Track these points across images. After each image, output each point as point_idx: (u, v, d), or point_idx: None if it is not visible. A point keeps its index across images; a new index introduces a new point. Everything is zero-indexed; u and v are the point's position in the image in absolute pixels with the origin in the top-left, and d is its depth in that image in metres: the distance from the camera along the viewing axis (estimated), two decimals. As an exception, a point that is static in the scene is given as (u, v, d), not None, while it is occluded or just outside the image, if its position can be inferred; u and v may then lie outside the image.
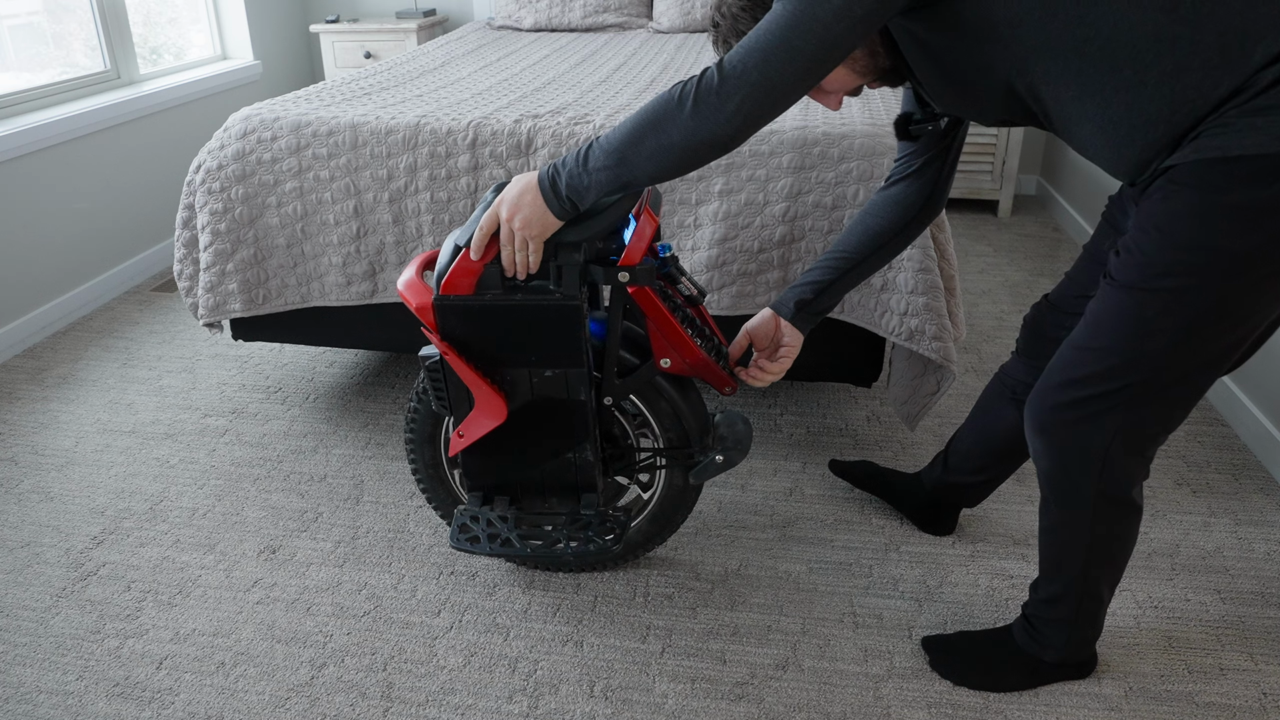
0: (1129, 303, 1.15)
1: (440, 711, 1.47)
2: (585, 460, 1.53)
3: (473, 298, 1.39)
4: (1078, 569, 1.36)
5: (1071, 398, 1.23)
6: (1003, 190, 3.65)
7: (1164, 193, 1.11)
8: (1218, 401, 2.26)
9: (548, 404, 1.48)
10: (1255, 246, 1.06)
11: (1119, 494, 1.28)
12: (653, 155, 1.17)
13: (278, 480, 2.07)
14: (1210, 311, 1.11)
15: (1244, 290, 1.10)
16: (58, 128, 2.83)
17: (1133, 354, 1.17)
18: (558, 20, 3.72)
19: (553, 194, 1.25)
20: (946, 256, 1.91)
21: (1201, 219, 1.08)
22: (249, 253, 2.13)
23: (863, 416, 2.27)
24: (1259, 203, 1.04)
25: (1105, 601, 1.40)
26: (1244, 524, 1.86)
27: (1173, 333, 1.14)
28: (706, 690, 1.50)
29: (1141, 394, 1.19)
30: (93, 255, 3.03)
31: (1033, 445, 1.31)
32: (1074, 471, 1.28)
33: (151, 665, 1.57)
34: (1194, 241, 1.09)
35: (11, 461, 2.17)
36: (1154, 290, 1.13)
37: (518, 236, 1.30)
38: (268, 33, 4.04)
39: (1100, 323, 1.19)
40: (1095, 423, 1.22)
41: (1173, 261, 1.11)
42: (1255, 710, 1.44)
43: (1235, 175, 1.05)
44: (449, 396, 1.48)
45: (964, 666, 1.49)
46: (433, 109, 2.17)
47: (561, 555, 1.53)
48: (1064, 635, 1.43)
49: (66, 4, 3.09)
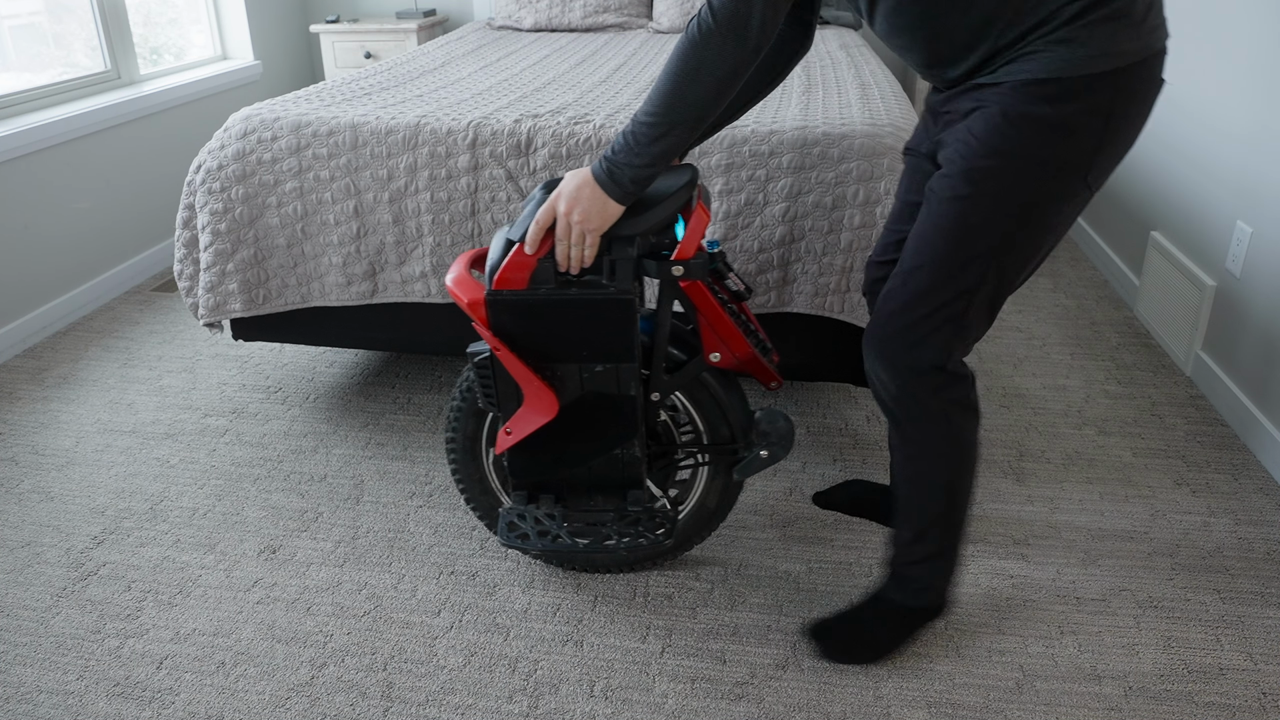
0: (952, 212, 1.27)
1: (440, 711, 1.47)
2: (633, 456, 1.53)
3: (526, 292, 1.38)
4: (941, 492, 1.42)
5: (906, 322, 1.32)
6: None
7: (980, 112, 1.26)
8: (1218, 401, 2.27)
9: (597, 399, 1.47)
10: (1059, 155, 1.22)
11: (960, 399, 1.37)
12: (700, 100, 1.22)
13: (278, 480, 2.08)
14: (1025, 213, 1.25)
15: (1050, 196, 1.24)
16: (58, 128, 2.83)
17: (961, 260, 1.28)
18: (558, 20, 3.72)
19: (611, 182, 1.26)
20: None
21: (1015, 127, 1.22)
22: (249, 253, 2.13)
23: (862, 416, 2.27)
24: (1062, 117, 1.20)
25: (961, 526, 1.46)
26: (1244, 524, 1.86)
27: (992, 236, 1.26)
28: (706, 690, 1.50)
29: (968, 301, 1.30)
30: (93, 255, 3.03)
31: (876, 377, 1.39)
32: (920, 391, 1.35)
33: (152, 665, 1.57)
34: (1007, 147, 1.23)
35: (12, 461, 2.17)
36: (975, 196, 1.25)
37: (575, 230, 1.30)
38: (268, 33, 4.04)
39: (926, 237, 1.30)
40: (931, 339, 1.32)
41: (990, 167, 1.24)
42: (1255, 710, 1.44)
43: (1041, 94, 1.20)
44: (497, 393, 1.48)
45: (847, 643, 1.53)
46: (433, 109, 2.17)
47: (613, 551, 1.53)
48: (932, 571, 1.48)
49: (67, 4, 3.09)
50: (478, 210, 2.03)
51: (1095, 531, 1.85)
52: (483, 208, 2.03)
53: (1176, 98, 2.63)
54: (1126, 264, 2.93)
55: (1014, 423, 2.23)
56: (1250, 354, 2.15)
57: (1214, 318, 2.33)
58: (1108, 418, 2.25)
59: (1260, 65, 2.18)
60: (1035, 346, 2.61)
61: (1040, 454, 2.11)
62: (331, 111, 2.15)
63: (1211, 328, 2.34)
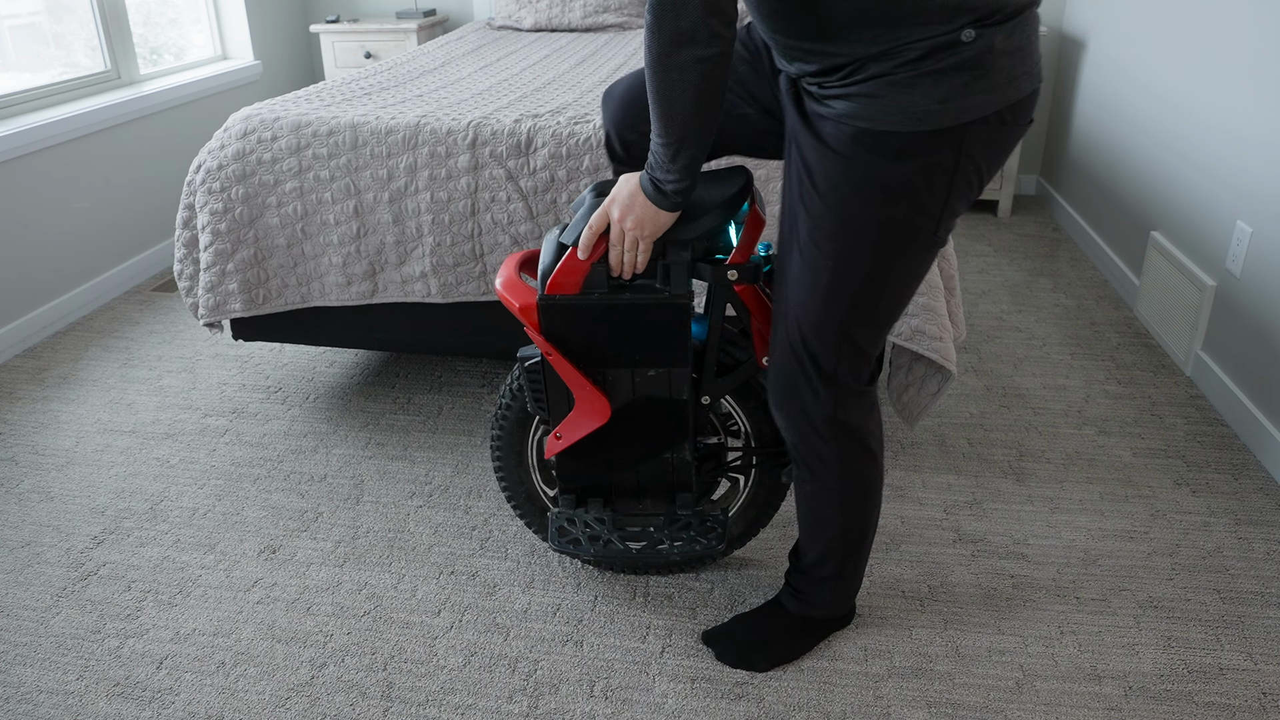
0: (808, 278, 1.27)
1: (440, 711, 1.47)
2: (682, 460, 1.53)
3: (579, 297, 1.38)
4: (839, 525, 1.44)
5: (790, 379, 1.34)
6: (1002, 190, 3.65)
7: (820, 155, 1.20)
8: (1217, 401, 2.27)
9: (648, 404, 1.47)
10: (903, 217, 1.19)
11: (857, 446, 1.38)
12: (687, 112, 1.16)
13: (278, 480, 2.08)
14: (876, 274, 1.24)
15: (900, 254, 1.23)
16: (58, 128, 2.83)
17: (827, 320, 1.28)
18: (558, 20, 3.72)
19: (657, 193, 1.26)
20: (946, 256, 1.91)
21: (857, 188, 1.18)
22: (249, 253, 2.13)
23: (863, 416, 2.27)
24: (901, 177, 1.16)
25: (864, 554, 1.49)
26: (1244, 524, 1.86)
27: (850, 295, 1.25)
28: (706, 690, 1.50)
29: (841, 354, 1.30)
30: (93, 255, 3.03)
31: (777, 421, 1.41)
32: (812, 437, 1.37)
33: (152, 665, 1.57)
34: (849, 212, 1.20)
35: (12, 461, 2.17)
36: (828, 261, 1.24)
37: (629, 236, 1.30)
38: (268, 33, 4.04)
39: (793, 299, 1.30)
40: (819, 398, 1.33)
41: (836, 231, 1.22)
42: (1255, 710, 1.44)
43: (882, 149, 1.15)
44: (548, 397, 1.47)
45: (747, 648, 1.54)
46: (433, 109, 2.17)
47: (666, 556, 1.54)
48: (829, 591, 1.51)
49: (67, 4, 3.09)
50: (478, 210, 2.03)
51: (1095, 531, 1.85)
52: (483, 208, 2.03)
53: (1176, 98, 2.63)
54: (1126, 264, 2.93)
55: (1014, 423, 2.23)
56: (1250, 354, 2.15)
57: (1214, 318, 2.33)
58: (1108, 418, 2.25)
59: (1260, 65, 2.18)
60: (1035, 346, 2.61)
61: (1040, 454, 2.11)
62: (331, 111, 2.15)
63: (1211, 328, 2.34)
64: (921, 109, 1.11)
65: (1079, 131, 3.45)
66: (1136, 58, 2.94)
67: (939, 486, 2.00)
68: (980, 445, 2.15)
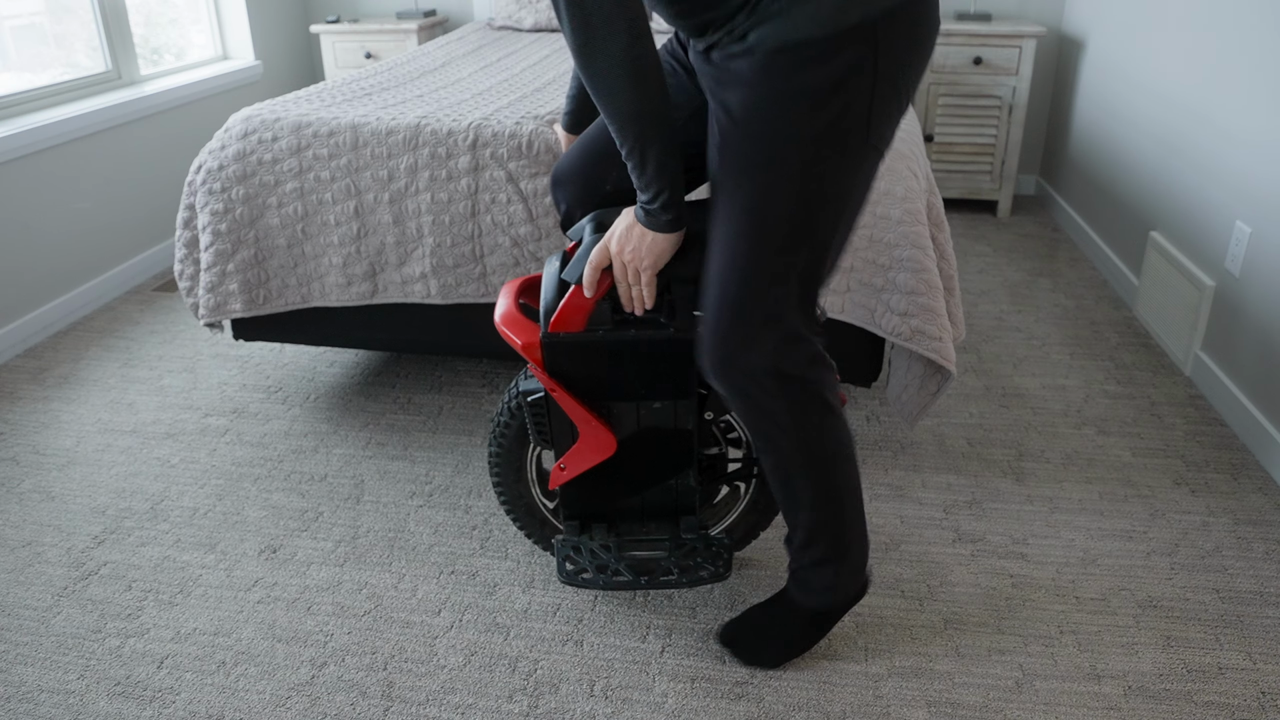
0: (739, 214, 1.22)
1: (440, 711, 1.47)
2: (687, 485, 1.53)
3: (584, 335, 1.38)
4: (811, 500, 1.38)
5: (725, 333, 1.26)
6: (1002, 190, 3.66)
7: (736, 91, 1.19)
8: (1217, 401, 2.27)
9: (653, 434, 1.47)
10: (830, 126, 1.16)
11: (806, 395, 1.31)
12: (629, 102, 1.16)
13: (278, 480, 2.08)
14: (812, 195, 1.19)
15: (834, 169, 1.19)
16: (59, 128, 2.83)
17: (765, 260, 1.22)
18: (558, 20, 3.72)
19: (647, 216, 1.25)
20: (946, 256, 1.91)
21: (781, 108, 1.16)
22: (250, 253, 2.14)
23: (862, 416, 2.28)
24: (819, 82, 1.14)
25: (853, 522, 1.42)
26: (1243, 523, 1.87)
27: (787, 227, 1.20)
28: (706, 690, 1.50)
29: (782, 297, 1.25)
30: (93, 255, 3.03)
31: (720, 391, 1.34)
32: (759, 395, 1.30)
33: (152, 664, 1.57)
34: (771, 131, 1.17)
35: (13, 461, 2.17)
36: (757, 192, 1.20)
37: (630, 268, 1.30)
38: (268, 33, 4.04)
39: (723, 244, 1.25)
40: (756, 347, 1.26)
41: (760, 159, 1.18)
42: (1254, 709, 1.44)
43: (800, 59, 1.14)
44: (552, 431, 1.47)
45: (760, 646, 1.52)
46: (433, 109, 2.17)
47: (673, 585, 1.55)
48: (831, 572, 1.45)
49: (68, 5, 3.09)
50: (478, 211, 2.04)
51: (1095, 531, 1.85)
52: (483, 209, 2.03)
53: (1175, 98, 2.63)
54: (1126, 264, 2.94)
55: (1014, 423, 2.24)
56: (1250, 354, 2.15)
57: (1213, 318, 2.33)
58: (1107, 417, 2.25)
59: (1260, 65, 2.18)
60: (1035, 346, 2.61)
61: (1040, 454, 2.11)
62: (332, 112, 2.15)
63: (1211, 328, 2.34)
64: (828, 11, 1.13)
65: (1078, 131, 3.45)
66: (1136, 58, 2.94)
67: (938, 486, 2.00)
68: (980, 445, 2.15)
